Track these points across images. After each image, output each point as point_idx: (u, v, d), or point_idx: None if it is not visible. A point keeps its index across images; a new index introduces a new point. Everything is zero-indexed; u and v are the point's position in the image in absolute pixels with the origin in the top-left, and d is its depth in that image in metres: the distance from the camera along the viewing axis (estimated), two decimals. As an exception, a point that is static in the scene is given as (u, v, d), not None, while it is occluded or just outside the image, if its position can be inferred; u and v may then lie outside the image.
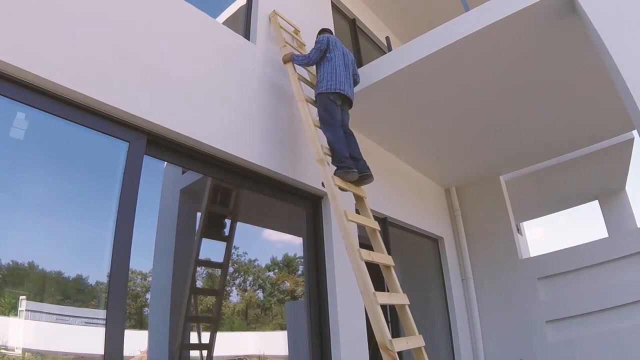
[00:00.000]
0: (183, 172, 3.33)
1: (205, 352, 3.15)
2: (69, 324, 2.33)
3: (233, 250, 3.68)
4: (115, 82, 2.30)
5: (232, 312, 3.78)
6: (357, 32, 5.68)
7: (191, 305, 3.24)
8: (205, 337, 3.27)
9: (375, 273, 2.70)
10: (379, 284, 2.82)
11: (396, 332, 4.11)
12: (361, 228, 3.98)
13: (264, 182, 3.24)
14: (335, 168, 3.00)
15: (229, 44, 3.27)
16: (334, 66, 3.27)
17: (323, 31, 3.76)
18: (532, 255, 6.32)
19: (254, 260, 3.97)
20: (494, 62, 3.50)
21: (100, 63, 2.27)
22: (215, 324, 3.36)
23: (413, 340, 2.44)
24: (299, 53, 3.87)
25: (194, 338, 3.28)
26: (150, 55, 2.57)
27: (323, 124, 3.15)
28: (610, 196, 8.05)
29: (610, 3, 2.68)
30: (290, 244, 4.10)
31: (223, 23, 3.41)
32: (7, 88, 1.94)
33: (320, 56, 3.35)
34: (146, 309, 3.11)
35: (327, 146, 3.09)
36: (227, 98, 3.02)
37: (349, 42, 5.53)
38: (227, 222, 3.63)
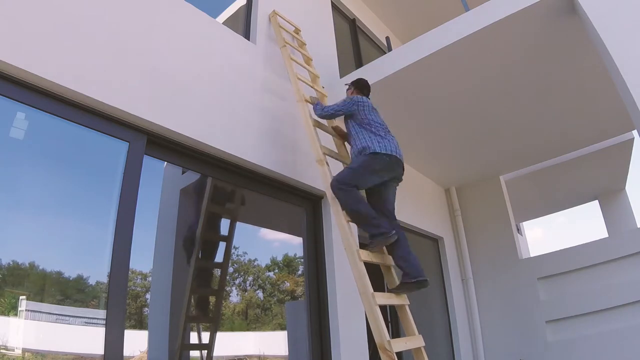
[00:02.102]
0: (183, 172, 3.33)
1: (205, 352, 3.15)
2: (69, 324, 2.32)
3: (233, 250, 3.68)
4: (115, 82, 2.30)
5: (232, 312, 3.78)
6: (357, 32, 5.68)
7: (191, 305, 3.24)
8: (205, 337, 3.26)
9: (375, 273, 2.70)
10: (379, 284, 2.82)
11: (396, 332, 4.12)
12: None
13: (264, 182, 3.24)
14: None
15: (229, 44, 3.27)
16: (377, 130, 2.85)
17: (360, 85, 3.28)
18: (532, 255, 6.32)
19: (254, 260, 3.97)
20: (494, 62, 3.50)
21: (100, 63, 2.27)
22: (215, 324, 3.35)
23: (412, 341, 2.44)
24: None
25: (194, 338, 3.28)
26: (150, 55, 2.57)
27: (343, 182, 2.66)
28: (610, 196, 8.04)
29: (610, 3, 2.68)
30: (290, 244, 4.10)
31: (223, 23, 3.41)
32: (7, 88, 1.94)
33: (346, 113, 2.99)
34: (146, 309, 3.11)
35: (327, 146, 3.09)
36: (227, 98, 3.03)
37: (349, 42, 5.53)
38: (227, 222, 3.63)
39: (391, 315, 4.15)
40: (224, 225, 3.66)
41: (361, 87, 3.27)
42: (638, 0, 2.59)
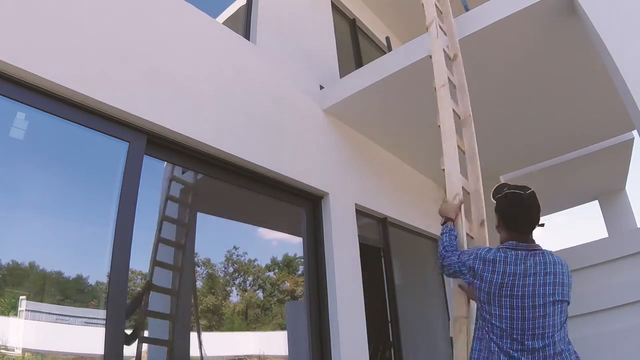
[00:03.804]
0: (183, 172, 3.33)
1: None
2: (69, 324, 2.33)
3: (233, 250, 3.68)
4: (115, 82, 2.30)
5: (232, 312, 3.78)
6: (357, 32, 5.68)
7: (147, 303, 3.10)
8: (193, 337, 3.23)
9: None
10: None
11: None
12: (361, 228, 3.99)
13: (264, 182, 3.24)
14: None
15: (229, 44, 3.27)
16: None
17: (511, 214, 1.79)
18: (532, 255, 6.30)
19: (254, 260, 3.97)
20: (494, 62, 3.50)
21: (100, 63, 2.27)
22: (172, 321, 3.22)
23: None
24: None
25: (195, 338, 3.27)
26: (151, 55, 2.57)
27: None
28: (610, 196, 8.04)
29: (610, 3, 2.68)
30: (290, 244, 4.10)
31: (223, 23, 3.41)
32: (7, 88, 1.94)
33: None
34: (146, 309, 3.10)
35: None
36: (227, 98, 3.03)
37: (349, 42, 5.53)
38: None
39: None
40: (229, 227, 3.65)
41: (509, 212, 1.78)
42: (638, 0, 2.59)
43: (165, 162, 2.93)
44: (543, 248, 1.72)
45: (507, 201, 1.80)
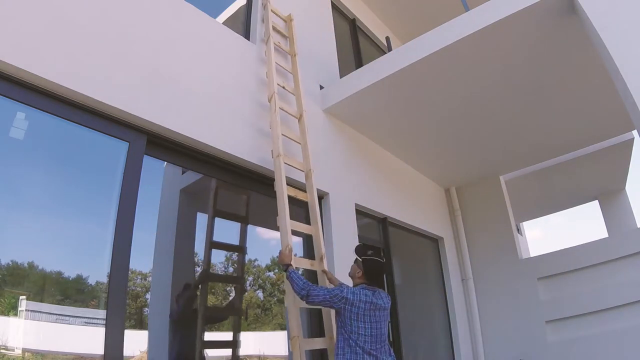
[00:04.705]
0: (183, 172, 3.33)
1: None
2: (69, 324, 2.32)
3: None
4: (115, 82, 2.30)
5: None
6: (357, 32, 5.68)
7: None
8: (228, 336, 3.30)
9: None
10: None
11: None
12: (361, 228, 3.99)
13: (264, 182, 3.24)
14: None
15: (229, 44, 3.27)
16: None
17: (369, 268, 2.58)
18: (532, 255, 6.32)
19: (254, 260, 3.97)
20: (494, 62, 3.50)
21: (100, 63, 2.27)
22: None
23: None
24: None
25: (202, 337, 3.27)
26: (150, 55, 2.57)
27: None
28: (610, 196, 8.05)
29: (610, 3, 2.68)
30: (290, 244, 4.09)
31: (223, 23, 3.41)
32: (7, 88, 1.94)
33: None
34: (146, 309, 3.11)
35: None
36: (227, 98, 3.03)
37: (349, 42, 5.53)
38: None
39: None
40: (229, 227, 3.65)
41: (370, 271, 2.55)
42: (638, 0, 2.59)
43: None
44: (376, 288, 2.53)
45: (370, 263, 2.56)
